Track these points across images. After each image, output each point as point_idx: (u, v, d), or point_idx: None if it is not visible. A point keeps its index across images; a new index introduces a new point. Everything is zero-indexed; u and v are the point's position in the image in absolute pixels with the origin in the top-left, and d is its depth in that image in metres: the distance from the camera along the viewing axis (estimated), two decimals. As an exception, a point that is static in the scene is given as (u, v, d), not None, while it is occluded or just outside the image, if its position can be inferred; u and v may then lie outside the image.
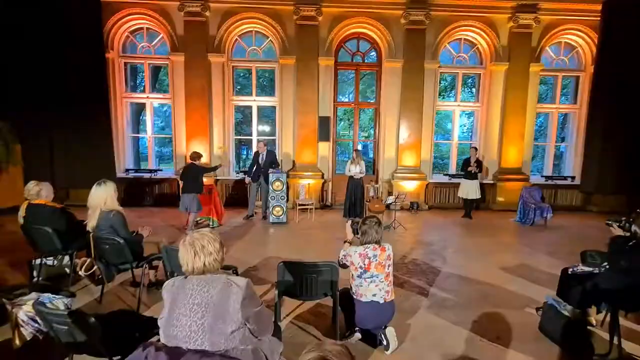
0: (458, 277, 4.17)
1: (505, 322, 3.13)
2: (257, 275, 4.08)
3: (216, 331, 1.42)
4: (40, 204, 3.53)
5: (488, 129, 8.39)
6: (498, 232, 6.44)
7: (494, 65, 8.13)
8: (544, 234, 6.34)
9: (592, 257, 3.30)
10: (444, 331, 2.97)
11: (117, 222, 3.08)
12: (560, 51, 8.51)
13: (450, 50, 8.46)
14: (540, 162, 11.61)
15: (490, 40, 8.06)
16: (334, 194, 8.41)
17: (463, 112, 11.13)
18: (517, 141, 8.19)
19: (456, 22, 7.91)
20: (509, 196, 8.06)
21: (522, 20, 7.79)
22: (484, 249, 5.33)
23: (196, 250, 1.50)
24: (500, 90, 8.20)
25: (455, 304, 3.49)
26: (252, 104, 8.57)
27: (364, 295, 2.56)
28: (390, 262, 2.61)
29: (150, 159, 8.68)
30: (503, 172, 8.23)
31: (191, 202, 5.67)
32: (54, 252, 3.59)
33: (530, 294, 3.68)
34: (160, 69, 10.82)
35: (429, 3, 7.68)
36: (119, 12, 7.60)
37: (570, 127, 8.91)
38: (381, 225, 2.64)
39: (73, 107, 7.24)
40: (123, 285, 3.75)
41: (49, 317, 1.91)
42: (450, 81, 13.30)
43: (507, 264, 4.62)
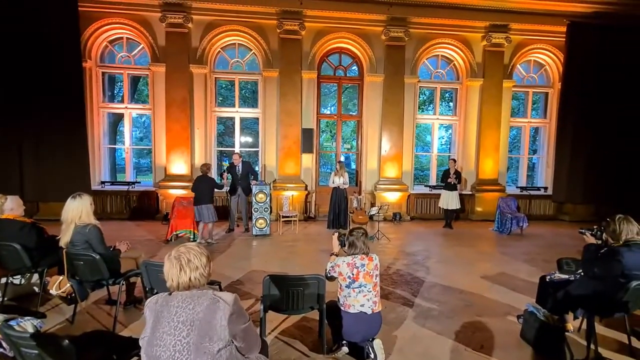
0: (441, 287, 4.22)
1: (488, 330, 3.18)
2: (241, 290, 3.98)
3: (202, 350, 1.36)
4: (7, 218, 3.33)
5: (466, 141, 8.69)
6: (478, 241, 6.60)
7: (469, 81, 8.49)
8: (521, 242, 6.55)
9: (568, 264, 3.43)
10: (430, 342, 2.98)
11: (93, 237, 2.94)
12: (530, 68, 9.02)
13: (428, 65, 8.79)
14: (514, 173, 12.08)
15: (465, 57, 8.44)
16: (318, 205, 8.40)
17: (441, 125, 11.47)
18: (493, 153, 8.52)
19: (434, 39, 8.26)
20: (486, 206, 8.32)
21: (494, 39, 8.22)
22: (465, 258, 5.45)
23: (182, 265, 1.44)
24: (476, 104, 8.55)
25: (440, 313, 3.52)
26: (235, 115, 8.52)
27: (352, 306, 2.54)
28: (378, 272, 2.62)
29: (127, 170, 8.40)
30: (481, 183, 8.52)
31: (209, 213, 5.79)
32: (22, 269, 3.37)
33: (511, 302, 3.77)
34: (139, 79, 10.63)
35: (408, 21, 7.98)
36: (97, 21, 7.45)
37: (541, 139, 9.37)
38: (367, 236, 2.66)
39: (46, 116, 6.98)
40: (97, 304, 3.56)
41: (16, 341, 1.77)
42: (429, 95, 13.76)
43: (487, 273, 4.72)
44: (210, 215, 5.81)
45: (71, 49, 7.04)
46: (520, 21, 8.15)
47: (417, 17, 7.96)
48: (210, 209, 5.83)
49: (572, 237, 6.66)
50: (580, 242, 3.13)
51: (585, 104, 8.14)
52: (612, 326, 3.20)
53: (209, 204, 5.83)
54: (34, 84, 6.89)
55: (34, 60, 6.85)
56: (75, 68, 7.13)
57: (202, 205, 5.78)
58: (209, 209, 5.81)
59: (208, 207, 5.81)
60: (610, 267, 2.62)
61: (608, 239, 2.76)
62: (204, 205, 5.79)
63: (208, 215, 5.78)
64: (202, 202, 5.80)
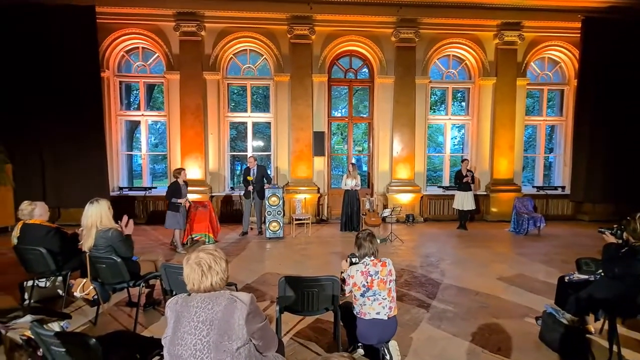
0: (456, 289, 4.17)
1: (505, 332, 3.14)
2: (255, 292, 4.03)
3: (222, 348, 1.41)
4: (35, 223, 3.48)
5: (479, 141, 8.58)
6: (493, 242, 6.49)
7: (482, 80, 8.39)
8: (538, 243, 6.41)
9: (587, 264, 3.35)
10: (445, 343, 2.96)
11: (116, 240, 3.05)
12: (545, 66, 8.85)
13: (439, 66, 8.73)
14: (530, 173, 11.84)
15: (477, 56, 8.35)
16: (330, 208, 8.43)
17: (454, 125, 11.37)
18: (508, 153, 8.37)
19: (445, 39, 8.20)
20: (502, 207, 8.18)
21: (507, 37, 8.11)
22: (481, 259, 5.37)
23: (203, 271, 1.49)
24: (489, 103, 8.44)
25: (455, 315, 3.48)
26: (247, 120, 8.65)
27: (367, 313, 2.52)
28: (392, 278, 2.58)
29: (144, 176, 8.63)
30: (495, 183, 8.38)
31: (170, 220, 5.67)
32: (47, 273, 3.52)
33: (529, 304, 3.70)
34: (154, 87, 10.92)
35: (418, 22, 7.96)
36: (115, 32, 7.71)
37: (558, 138, 9.16)
38: (374, 237, 2.64)
39: (66, 126, 7.26)
40: (118, 306, 3.67)
41: (46, 340, 1.86)
42: (440, 95, 13.63)
43: (504, 274, 4.65)
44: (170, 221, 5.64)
45: (90, 60, 7.32)
46: (533, 18, 8.02)
47: (427, 18, 7.93)
48: (168, 215, 5.64)
49: (592, 237, 6.48)
50: (599, 241, 3.06)
51: (602, 100, 7.93)
52: (635, 327, 3.11)
53: (169, 210, 5.65)
54: (55, 94, 7.19)
55: (55, 71, 7.16)
56: (94, 78, 7.40)
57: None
58: (168, 215, 5.65)
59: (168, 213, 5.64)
60: (632, 266, 2.56)
61: (629, 238, 2.69)
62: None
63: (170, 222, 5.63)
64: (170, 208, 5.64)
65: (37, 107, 7.16)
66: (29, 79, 7.13)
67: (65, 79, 7.18)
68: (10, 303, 3.63)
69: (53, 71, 7.16)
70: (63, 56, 7.16)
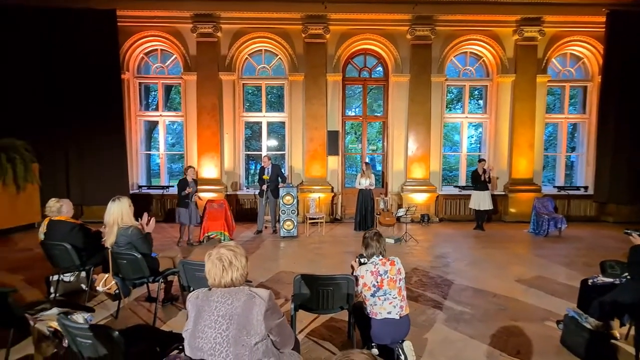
0: (473, 290, 4.10)
1: (524, 335, 3.06)
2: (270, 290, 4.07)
3: (240, 343, 1.43)
4: (60, 220, 3.62)
5: (497, 140, 8.39)
6: (512, 243, 6.34)
7: (500, 77, 8.20)
8: (559, 245, 6.22)
9: (612, 267, 3.23)
10: (462, 345, 2.91)
11: (135, 238, 3.14)
12: (567, 62, 8.56)
13: (456, 63, 8.58)
14: (551, 173, 11.49)
15: (495, 52, 8.16)
16: (344, 207, 8.42)
17: (471, 123, 11.15)
18: (527, 152, 8.15)
19: (461, 36, 8.06)
20: (521, 207, 7.97)
21: (526, 33, 7.89)
22: (498, 260, 5.25)
23: (224, 266, 1.52)
24: (508, 101, 8.24)
25: (472, 317, 3.42)
26: (262, 119, 8.74)
27: (378, 313, 2.51)
28: (402, 277, 2.57)
29: (162, 175, 8.83)
30: (514, 182, 8.17)
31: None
32: (71, 268, 3.65)
33: (549, 307, 3.60)
34: (172, 88, 11.16)
35: (434, 19, 7.85)
36: (135, 34, 7.92)
37: (580, 136, 8.85)
38: (382, 236, 2.62)
39: (89, 126, 7.51)
40: (137, 301, 3.78)
41: (72, 331, 1.94)
42: (456, 93, 13.39)
43: (523, 276, 4.53)
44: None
45: (111, 62, 7.55)
46: (555, 13, 7.77)
47: (443, 15, 7.80)
48: (178, 211, 6.04)
49: (617, 239, 6.25)
50: (625, 244, 2.95)
51: (628, 96, 7.61)
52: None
53: (178, 207, 6.06)
54: (79, 95, 7.45)
55: (78, 74, 7.42)
56: (115, 80, 7.64)
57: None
58: (178, 211, 6.05)
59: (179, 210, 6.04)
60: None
61: (657, 240, 2.58)
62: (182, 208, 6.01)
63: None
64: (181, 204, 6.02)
65: (61, 109, 7.45)
66: (53, 81, 7.43)
67: (88, 81, 7.44)
68: (37, 296, 3.80)
69: (76, 73, 7.42)
70: (86, 59, 7.41)
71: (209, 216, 6.30)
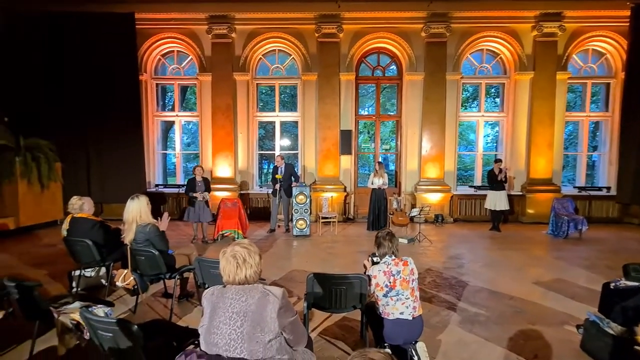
0: (488, 292, 4.02)
1: (542, 339, 2.99)
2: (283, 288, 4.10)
3: (254, 339, 1.46)
4: (82, 217, 3.75)
5: (514, 139, 8.19)
6: (529, 245, 6.19)
7: (518, 75, 8.00)
8: (579, 247, 6.03)
9: (636, 270, 3.11)
10: (477, 347, 2.87)
11: (153, 235, 3.22)
12: (588, 58, 8.28)
13: (472, 60, 8.42)
14: (571, 173, 11.15)
15: (513, 49, 7.97)
16: (357, 206, 8.39)
17: (487, 122, 10.93)
18: (546, 151, 7.93)
19: (478, 33, 7.90)
20: (539, 208, 7.77)
21: (546, 29, 7.67)
22: (515, 262, 5.14)
23: (238, 263, 1.55)
24: (526, 99, 8.03)
25: (487, 319, 3.36)
26: (275, 119, 8.80)
27: (391, 313, 2.50)
28: (415, 277, 2.54)
29: (178, 174, 9.02)
30: (532, 183, 7.96)
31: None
32: (92, 263, 3.78)
33: (569, 310, 3.50)
34: (187, 88, 11.37)
35: (449, 16, 7.72)
36: (152, 37, 8.11)
37: (603, 135, 8.55)
38: (394, 236, 2.60)
39: (108, 126, 7.75)
40: (155, 296, 3.87)
41: (94, 324, 2.01)
42: (472, 92, 13.14)
43: (541, 279, 4.42)
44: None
45: (130, 64, 7.77)
46: (576, 8, 7.54)
47: (459, 11, 7.68)
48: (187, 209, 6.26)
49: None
50: (651, 247, 2.84)
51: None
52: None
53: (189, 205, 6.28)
54: (99, 97, 7.69)
55: (98, 75, 7.65)
56: (133, 81, 7.84)
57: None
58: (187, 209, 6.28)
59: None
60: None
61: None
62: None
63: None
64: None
65: (83, 109, 7.70)
66: (76, 83, 7.68)
67: (108, 82, 7.67)
68: (60, 290, 3.95)
69: (97, 75, 7.66)
70: (106, 61, 7.63)
71: (223, 215, 6.39)
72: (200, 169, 6.35)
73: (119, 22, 7.61)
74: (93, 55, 7.64)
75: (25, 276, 4.25)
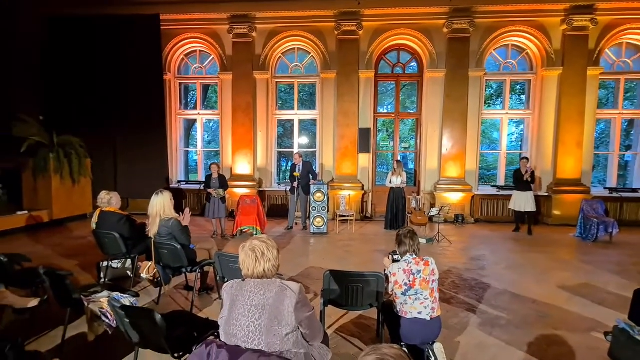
0: (511, 295, 3.91)
1: (567, 345, 2.88)
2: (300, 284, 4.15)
3: (272, 332, 1.49)
4: (109, 211, 3.93)
5: (541, 137, 7.89)
6: (555, 248, 5.95)
7: (545, 71, 7.69)
8: (609, 251, 5.75)
9: (672, 277, 2.94)
10: (497, 351, 2.80)
11: (175, 229, 3.33)
12: (622, 53, 7.84)
13: (496, 56, 8.17)
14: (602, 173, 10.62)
15: (541, 44, 7.66)
16: (374, 205, 8.34)
17: (511, 120, 10.58)
18: (575, 150, 7.59)
19: (503, 27, 7.65)
20: (566, 209, 7.45)
21: (576, 22, 7.33)
22: (540, 265, 4.96)
23: (257, 257, 1.60)
24: (554, 96, 7.71)
25: (509, 323, 3.27)
26: (294, 117, 8.86)
27: (408, 312, 2.48)
28: (435, 278, 2.50)
29: (199, 171, 9.26)
30: (559, 183, 7.65)
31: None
32: (119, 255, 3.95)
33: (596, 317, 3.35)
34: (209, 87, 11.63)
35: (473, 10, 7.52)
36: (176, 37, 8.34)
37: (637, 134, 8.08)
38: (415, 235, 2.57)
39: (134, 124, 8.05)
40: (176, 289, 4.01)
41: (121, 313, 2.11)
42: (496, 88, 12.75)
43: (567, 283, 4.25)
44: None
45: (155, 64, 8.04)
46: (609, 0, 7.15)
47: (483, 6, 7.45)
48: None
49: (679, 248, 5.67)
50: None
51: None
52: None
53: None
54: (125, 96, 8.02)
55: (125, 76, 7.97)
56: (158, 81, 8.11)
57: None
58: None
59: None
60: None
61: None
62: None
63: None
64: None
65: (110, 108, 8.05)
66: (104, 83, 8.03)
67: (134, 82, 7.97)
68: (89, 280, 4.16)
69: (124, 76, 7.98)
70: (133, 61, 7.94)
71: (242, 211, 6.51)
72: (215, 167, 6.54)
73: (145, 23, 7.88)
74: (121, 56, 7.96)
75: (58, 266, 4.50)
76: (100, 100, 8.04)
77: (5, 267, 3.10)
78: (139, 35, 7.89)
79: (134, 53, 7.92)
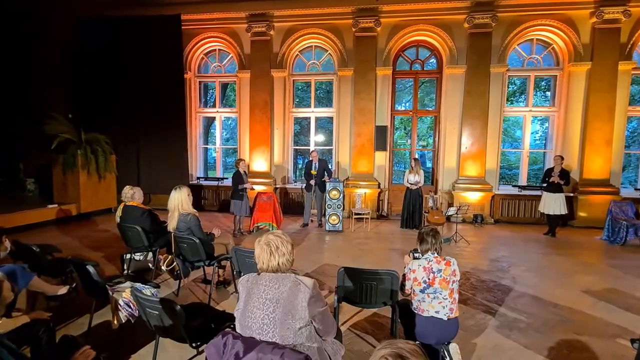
0: (531, 298, 3.81)
1: (590, 351, 2.79)
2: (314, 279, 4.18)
3: (286, 326, 1.53)
4: (132, 205, 4.09)
5: (566, 135, 7.58)
6: (580, 250, 5.73)
7: (573, 66, 7.37)
8: (638, 254, 5.48)
9: None
10: (515, 354, 2.74)
11: (193, 224, 3.43)
12: (658, 46, 7.41)
13: (520, 52, 7.90)
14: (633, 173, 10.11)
15: (568, 38, 7.35)
16: (390, 203, 8.27)
17: (535, 117, 10.21)
18: (603, 149, 7.25)
19: (527, 21, 7.38)
20: (593, 211, 7.15)
21: (607, 15, 6.98)
22: (563, 268, 4.79)
23: (272, 251, 1.63)
24: (581, 92, 7.39)
25: (528, 326, 3.19)
26: (311, 115, 8.89)
27: (425, 310, 2.46)
28: (456, 279, 2.47)
29: (218, 167, 9.45)
30: (585, 183, 7.34)
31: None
32: (141, 248, 4.11)
33: (622, 323, 3.22)
34: (228, 85, 11.83)
35: (495, 4, 7.29)
36: (196, 36, 8.53)
37: (674, 132, 7.64)
38: (438, 233, 2.54)
39: (156, 122, 8.31)
40: (195, 282, 4.13)
41: (143, 303, 2.21)
42: (519, 85, 12.34)
43: (591, 287, 4.09)
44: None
45: (176, 63, 8.26)
46: (645, -11, 6.76)
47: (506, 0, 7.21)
48: (233, 203, 6.31)
49: None
50: None
51: None
52: None
53: (233, 199, 6.34)
54: (147, 95, 8.28)
55: (148, 74, 8.22)
56: (179, 79, 8.33)
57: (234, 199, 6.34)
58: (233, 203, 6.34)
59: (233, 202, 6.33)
60: None
61: None
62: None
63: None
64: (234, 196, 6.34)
65: (133, 106, 8.34)
66: (128, 82, 8.32)
67: (156, 81, 8.22)
68: (113, 271, 4.34)
69: (146, 75, 8.23)
70: (154, 61, 8.18)
71: (258, 208, 6.61)
72: (244, 163, 6.62)
73: (167, 23, 8.10)
74: (144, 56, 8.22)
75: (85, 257, 4.72)
76: (125, 98, 8.34)
77: (38, 257, 3.29)
78: (161, 36, 8.12)
79: (156, 53, 8.16)
